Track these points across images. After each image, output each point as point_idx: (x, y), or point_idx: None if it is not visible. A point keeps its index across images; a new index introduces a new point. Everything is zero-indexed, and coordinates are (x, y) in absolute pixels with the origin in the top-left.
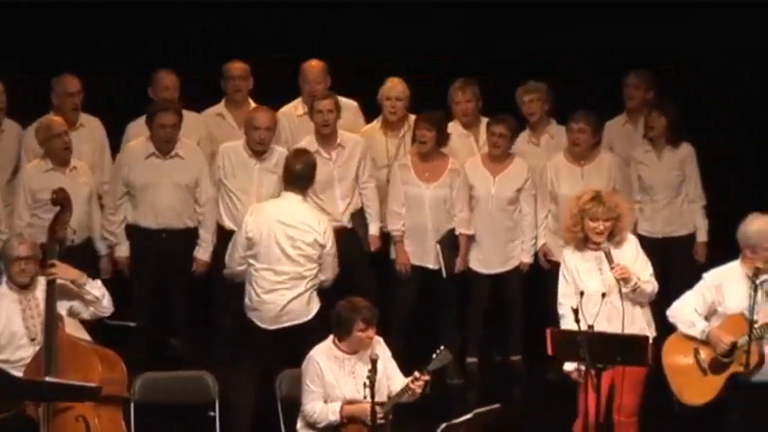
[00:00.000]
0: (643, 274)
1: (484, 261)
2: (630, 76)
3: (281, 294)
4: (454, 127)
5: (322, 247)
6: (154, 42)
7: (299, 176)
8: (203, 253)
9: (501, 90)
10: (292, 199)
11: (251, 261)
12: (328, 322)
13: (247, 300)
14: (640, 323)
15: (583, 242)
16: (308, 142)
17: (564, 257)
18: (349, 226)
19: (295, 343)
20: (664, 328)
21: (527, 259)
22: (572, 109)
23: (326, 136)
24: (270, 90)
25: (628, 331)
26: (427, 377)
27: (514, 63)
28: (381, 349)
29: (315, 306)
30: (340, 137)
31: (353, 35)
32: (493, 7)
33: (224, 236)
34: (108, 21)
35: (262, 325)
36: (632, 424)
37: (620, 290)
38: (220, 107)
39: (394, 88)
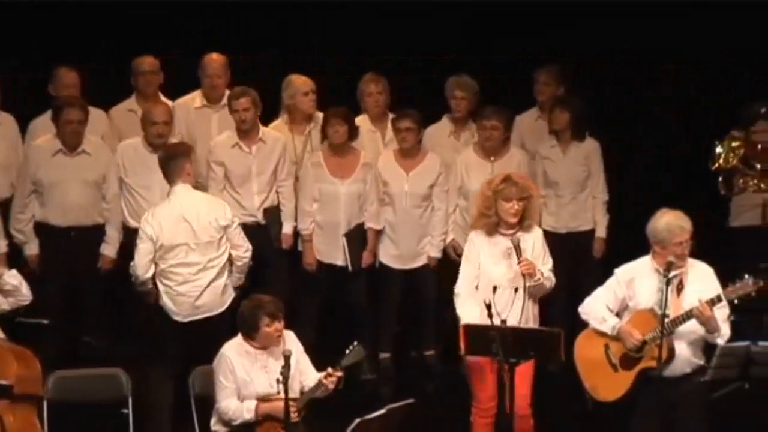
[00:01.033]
0: (544, 268)
1: (398, 257)
2: (540, 72)
3: (195, 285)
4: (361, 122)
5: (225, 228)
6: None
7: (178, 167)
8: (110, 249)
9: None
10: (182, 190)
11: (159, 259)
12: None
13: (163, 295)
14: (530, 315)
15: (495, 227)
16: (229, 135)
17: (471, 239)
18: (263, 222)
19: (210, 335)
20: (574, 323)
21: (435, 253)
22: None
23: (246, 131)
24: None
25: (522, 323)
26: (340, 373)
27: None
28: (293, 344)
29: (229, 298)
30: (261, 132)
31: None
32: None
33: (129, 233)
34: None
35: (177, 318)
36: (528, 416)
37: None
38: (131, 102)
39: (307, 82)
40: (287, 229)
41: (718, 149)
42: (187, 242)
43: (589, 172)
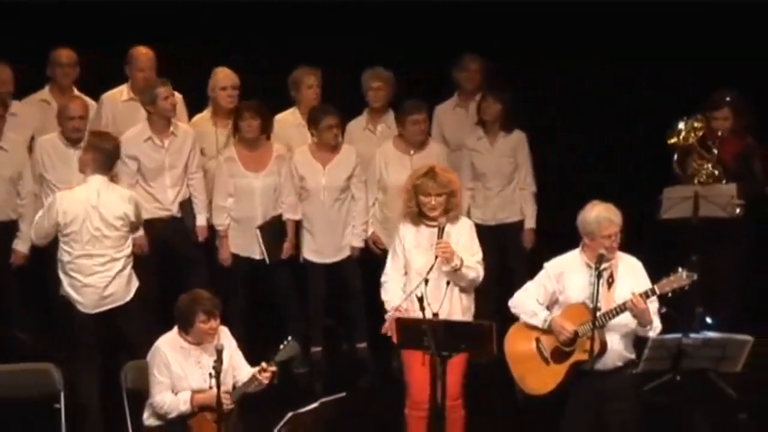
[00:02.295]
0: (469, 258)
1: (318, 251)
2: (471, 59)
3: (103, 276)
4: (293, 115)
5: (132, 223)
6: None
7: (105, 158)
8: (21, 245)
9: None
10: (97, 181)
11: (65, 248)
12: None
13: (67, 288)
14: (457, 306)
15: (418, 217)
16: (141, 129)
17: (399, 230)
18: (178, 215)
19: (119, 324)
20: (506, 315)
21: (357, 243)
22: None
23: (160, 123)
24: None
25: (444, 312)
26: (274, 368)
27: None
28: (226, 339)
29: (134, 286)
30: (172, 126)
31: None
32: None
33: None
34: None
35: (84, 310)
36: (459, 406)
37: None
38: (44, 93)
39: (228, 77)
40: (201, 221)
41: (680, 125)
42: (94, 231)
43: (517, 163)
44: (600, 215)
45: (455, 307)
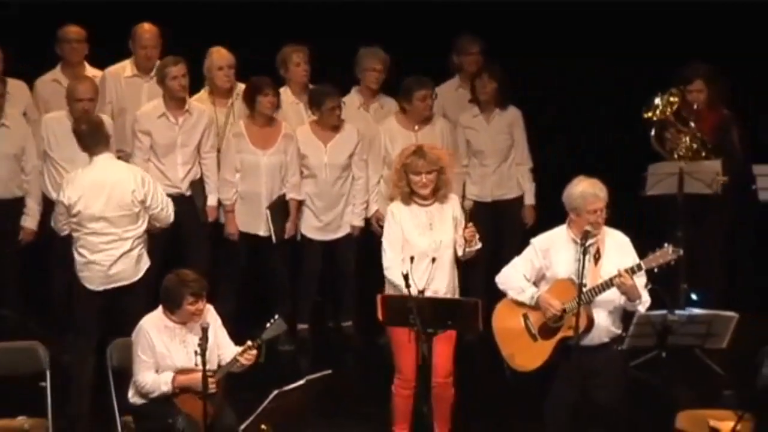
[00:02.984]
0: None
1: (319, 228)
2: (468, 43)
3: (108, 254)
4: (285, 93)
5: (142, 202)
6: None
7: (94, 137)
8: (30, 221)
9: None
10: (102, 160)
11: (75, 226)
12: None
13: (76, 264)
14: (443, 283)
15: (409, 196)
16: (156, 105)
17: (392, 210)
18: (188, 194)
19: (124, 303)
20: (496, 291)
21: (358, 222)
22: None
23: (176, 101)
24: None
25: (447, 290)
26: (254, 351)
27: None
28: (212, 317)
29: (144, 266)
30: (188, 104)
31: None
32: None
33: (51, 206)
34: None
35: (91, 287)
36: (449, 384)
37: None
38: (56, 73)
39: (224, 57)
40: (212, 201)
41: (657, 100)
42: (104, 212)
43: (513, 140)
44: (585, 190)
45: (442, 283)
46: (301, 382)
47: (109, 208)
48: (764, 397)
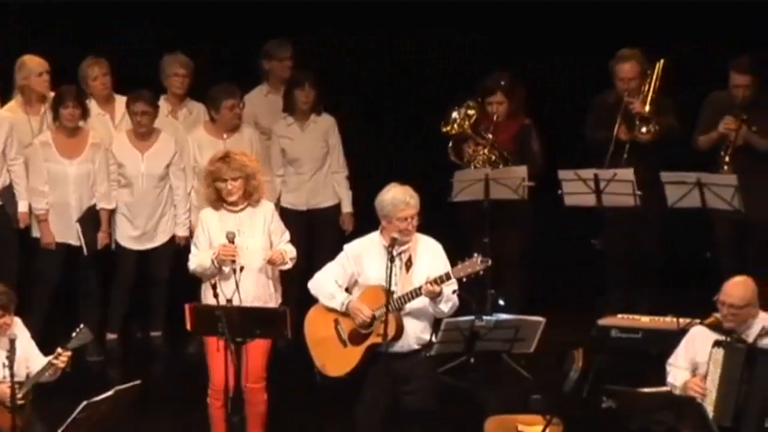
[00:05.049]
0: (282, 241)
1: (136, 238)
2: (278, 48)
3: None
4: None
5: None
6: None
7: None
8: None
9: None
10: None
11: None
12: None
13: None
14: (273, 291)
15: (218, 202)
16: None
17: (201, 216)
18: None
19: None
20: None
21: (182, 232)
22: None
23: None
24: None
25: (261, 297)
26: (69, 352)
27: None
28: (19, 329)
29: None
30: None
31: None
32: None
33: None
34: None
35: None
36: (260, 389)
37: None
38: None
39: (40, 64)
40: (22, 207)
41: (454, 114)
42: None
43: (328, 147)
44: (396, 197)
45: (252, 291)
46: (110, 393)
47: None
48: (571, 401)
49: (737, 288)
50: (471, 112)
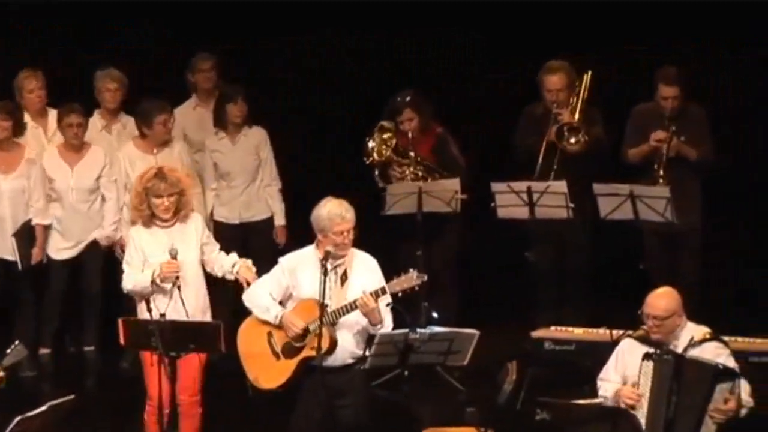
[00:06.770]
0: (213, 253)
1: (66, 250)
2: (200, 60)
3: None
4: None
5: None
6: None
7: None
8: None
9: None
10: None
11: None
12: None
13: None
14: (204, 303)
15: (150, 219)
16: None
17: (131, 235)
18: None
19: None
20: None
21: (105, 242)
22: None
23: None
24: None
25: (196, 311)
26: (2, 372)
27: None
28: None
29: None
30: None
31: None
32: None
33: None
34: None
35: None
36: (195, 403)
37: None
38: None
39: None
40: None
41: (371, 144)
42: None
43: (260, 160)
44: (332, 211)
45: (188, 304)
46: (44, 408)
47: None
48: (506, 413)
49: (660, 299)
50: (386, 135)
